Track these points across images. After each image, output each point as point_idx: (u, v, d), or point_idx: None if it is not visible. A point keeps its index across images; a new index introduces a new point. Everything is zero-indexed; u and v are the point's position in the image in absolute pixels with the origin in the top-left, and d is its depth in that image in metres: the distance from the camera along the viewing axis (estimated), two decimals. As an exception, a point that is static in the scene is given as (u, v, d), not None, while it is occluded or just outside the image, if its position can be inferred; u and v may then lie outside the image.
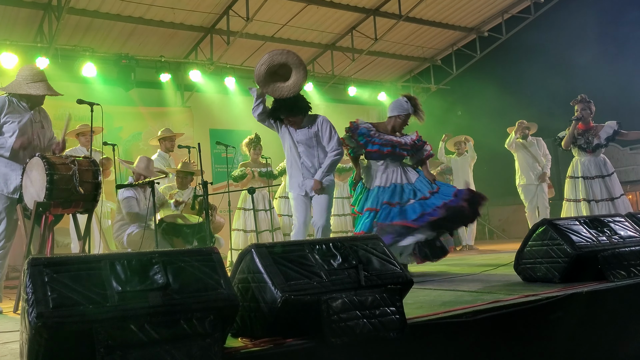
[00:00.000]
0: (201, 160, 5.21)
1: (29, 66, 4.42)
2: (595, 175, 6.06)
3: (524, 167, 7.99)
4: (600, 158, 6.16)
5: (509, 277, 3.88)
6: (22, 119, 4.13)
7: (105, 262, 1.92)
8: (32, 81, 4.17)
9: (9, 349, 2.34)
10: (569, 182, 6.23)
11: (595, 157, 6.13)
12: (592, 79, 8.70)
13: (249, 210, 6.92)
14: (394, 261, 2.45)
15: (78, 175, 3.82)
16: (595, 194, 6.01)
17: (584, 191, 6.04)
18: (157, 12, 8.52)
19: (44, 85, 4.20)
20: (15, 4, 7.67)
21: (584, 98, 6.20)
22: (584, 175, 6.09)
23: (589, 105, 6.16)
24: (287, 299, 2.06)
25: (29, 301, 1.74)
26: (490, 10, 10.62)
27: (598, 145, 6.10)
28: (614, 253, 3.30)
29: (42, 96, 4.23)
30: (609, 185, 6.03)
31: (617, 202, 5.95)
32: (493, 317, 2.56)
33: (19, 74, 4.23)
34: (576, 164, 6.22)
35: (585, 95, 6.22)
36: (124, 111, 9.10)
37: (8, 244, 4.11)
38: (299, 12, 9.25)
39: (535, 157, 8.04)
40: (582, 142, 6.13)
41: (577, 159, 6.25)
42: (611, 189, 6.02)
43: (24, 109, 4.19)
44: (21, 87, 4.15)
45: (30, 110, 4.22)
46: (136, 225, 5.50)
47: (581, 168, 6.13)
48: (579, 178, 6.11)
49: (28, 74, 4.19)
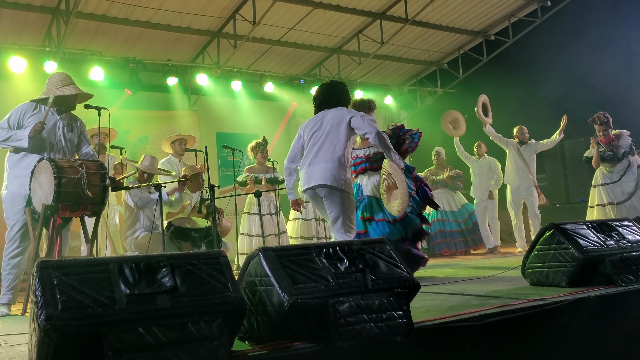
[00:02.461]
0: (208, 164, 5.23)
1: (56, 73, 4.55)
2: (616, 180, 6.57)
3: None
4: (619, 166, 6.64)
5: (516, 281, 3.87)
6: (48, 122, 4.20)
7: (114, 265, 1.93)
8: (62, 85, 4.29)
9: (18, 351, 2.36)
10: (595, 190, 6.73)
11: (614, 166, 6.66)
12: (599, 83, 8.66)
13: (254, 214, 6.91)
14: (401, 265, 2.45)
15: (86, 178, 3.84)
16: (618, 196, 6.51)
17: (608, 196, 6.54)
18: (164, 16, 8.56)
19: (74, 87, 4.33)
20: (23, 8, 7.71)
21: (602, 119, 6.52)
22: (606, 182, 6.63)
23: (608, 124, 6.63)
24: (294, 302, 2.06)
25: (37, 304, 1.75)
26: (497, 14, 10.60)
27: (625, 154, 6.58)
28: (622, 257, 3.28)
29: (74, 99, 4.35)
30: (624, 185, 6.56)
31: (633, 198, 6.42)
32: (500, 321, 2.56)
33: (48, 82, 4.37)
34: (597, 175, 6.77)
35: (603, 114, 6.59)
36: (131, 115, 9.14)
37: (23, 244, 4.14)
38: (305, 16, 9.26)
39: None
40: (607, 156, 6.61)
41: (598, 170, 6.77)
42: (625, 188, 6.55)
43: (51, 113, 4.27)
44: (53, 92, 4.26)
45: (59, 115, 4.30)
46: (144, 228, 5.52)
47: (603, 176, 6.68)
48: (603, 185, 6.62)
49: (57, 79, 4.33)
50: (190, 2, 8.32)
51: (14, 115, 4.18)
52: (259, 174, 7.05)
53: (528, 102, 10.02)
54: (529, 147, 8.13)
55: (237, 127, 10.19)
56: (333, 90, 4.43)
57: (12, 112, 4.21)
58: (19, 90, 7.60)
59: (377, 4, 9.45)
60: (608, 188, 6.57)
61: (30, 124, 4.13)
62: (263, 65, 10.39)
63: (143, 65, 8.83)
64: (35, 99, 4.34)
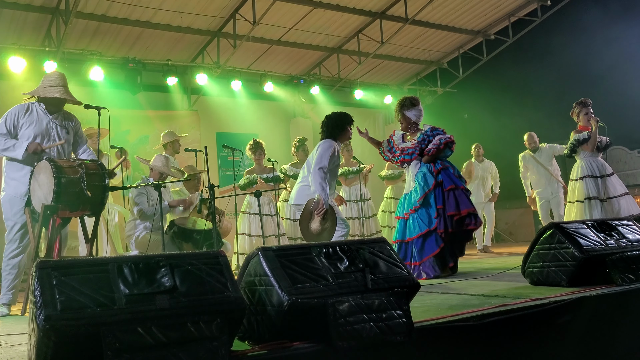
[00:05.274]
0: (208, 164, 5.22)
1: (54, 72, 4.51)
2: (600, 175, 6.15)
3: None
4: (600, 160, 6.27)
5: (517, 280, 3.87)
6: (41, 123, 4.19)
7: (113, 265, 1.92)
8: (51, 85, 4.26)
9: (17, 352, 2.35)
10: (579, 183, 6.23)
11: (597, 158, 6.25)
12: (600, 82, 8.67)
13: (253, 214, 6.90)
14: (401, 264, 2.44)
15: (85, 178, 3.83)
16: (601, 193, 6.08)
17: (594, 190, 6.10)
18: (164, 16, 8.56)
19: (60, 90, 4.26)
20: (23, 8, 7.72)
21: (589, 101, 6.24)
22: (592, 175, 6.15)
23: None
24: (294, 302, 2.06)
25: (37, 304, 1.75)
26: (497, 13, 10.60)
27: (607, 145, 6.25)
28: (622, 256, 3.28)
29: (59, 100, 4.29)
30: (613, 183, 6.14)
31: (620, 199, 6.04)
32: (500, 320, 2.56)
33: (43, 80, 4.34)
34: (581, 166, 6.26)
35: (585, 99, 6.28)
36: (131, 115, 9.14)
37: (22, 245, 4.14)
38: (305, 16, 9.26)
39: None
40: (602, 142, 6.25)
41: (581, 162, 6.28)
42: (615, 186, 6.12)
43: (43, 112, 4.25)
44: (39, 92, 4.25)
45: (51, 114, 4.28)
46: (145, 228, 5.51)
47: (588, 168, 6.19)
48: (588, 178, 6.16)
49: (49, 79, 4.30)
50: (190, 2, 8.32)
51: (9, 118, 4.16)
52: (258, 175, 7.04)
53: (528, 101, 10.02)
54: (543, 152, 7.99)
55: (237, 127, 10.20)
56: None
57: (6, 115, 4.17)
58: (18, 90, 7.58)
59: (377, 4, 9.45)
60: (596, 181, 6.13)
61: (24, 127, 4.14)
62: (263, 65, 10.39)
63: (143, 65, 8.83)
64: (24, 93, 4.34)
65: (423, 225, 4.81)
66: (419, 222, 4.85)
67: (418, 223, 4.86)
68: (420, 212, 4.87)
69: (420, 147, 5.06)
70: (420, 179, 4.94)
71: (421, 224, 4.83)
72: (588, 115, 6.18)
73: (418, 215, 4.88)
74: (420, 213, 4.87)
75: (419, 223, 4.85)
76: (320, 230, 4.68)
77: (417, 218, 4.88)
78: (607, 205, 6.00)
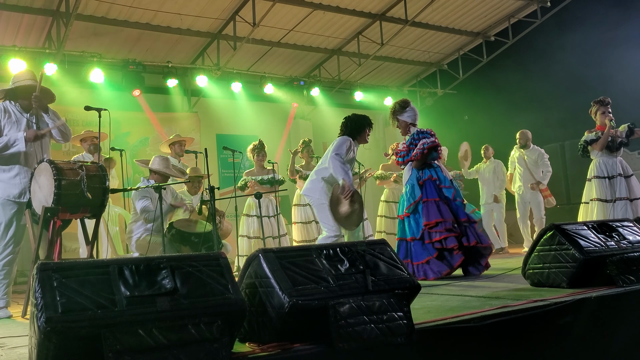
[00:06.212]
0: (208, 166, 5.22)
1: (21, 71, 4.48)
2: (610, 176, 6.00)
3: None
4: (619, 159, 6.12)
5: (517, 282, 3.87)
6: (20, 125, 4.17)
7: (114, 267, 1.92)
8: (19, 80, 4.23)
9: (18, 354, 2.35)
10: (588, 184, 6.14)
11: (615, 158, 6.07)
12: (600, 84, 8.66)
13: (253, 216, 6.90)
14: (401, 266, 2.44)
15: (86, 180, 3.83)
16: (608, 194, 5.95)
17: (600, 191, 5.99)
18: (164, 18, 8.56)
19: (27, 82, 4.20)
20: (24, 10, 7.72)
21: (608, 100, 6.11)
22: (599, 175, 6.03)
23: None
24: (294, 304, 2.06)
25: (37, 306, 1.75)
26: (497, 14, 10.61)
27: (621, 144, 6.07)
28: (623, 258, 3.28)
29: (27, 96, 4.19)
30: (631, 185, 5.98)
31: (636, 202, 5.91)
32: (501, 322, 2.55)
33: (12, 79, 4.32)
34: (593, 167, 6.14)
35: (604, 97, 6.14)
36: (131, 116, 9.14)
37: (16, 249, 4.14)
38: (305, 18, 9.27)
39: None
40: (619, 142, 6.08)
41: (594, 162, 6.15)
42: (633, 189, 5.97)
43: (19, 112, 4.23)
44: (9, 87, 4.24)
45: (26, 112, 4.25)
46: (145, 230, 5.50)
47: (597, 169, 6.07)
48: (595, 179, 6.04)
49: (19, 75, 4.29)
50: (190, 3, 8.33)
51: None
52: (257, 177, 7.03)
53: (528, 103, 10.02)
54: (532, 152, 8.04)
55: (237, 129, 10.20)
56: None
57: None
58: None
59: (376, 5, 9.45)
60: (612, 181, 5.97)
61: (6, 129, 4.12)
62: (263, 67, 10.40)
63: (143, 67, 8.84)
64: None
65: (415, 231, 4.94)
66: (412, 226, 4.98)
67: (411, 227, 4.98)
68: (411, 218, 4.99)
69: (408, 149, 5.13)
70: (408, 190, 5.08)
71: (413, 229, 4.95)
72: (605, 115, 6.02)
73: (410, 220, 5.00)
74: (411, 219, 4.99)
75: (411, 228, 4.98)
76: (350, 212, 4.82)
77: (410, 221, 5.00)
78: (633, 206, 5.84)
